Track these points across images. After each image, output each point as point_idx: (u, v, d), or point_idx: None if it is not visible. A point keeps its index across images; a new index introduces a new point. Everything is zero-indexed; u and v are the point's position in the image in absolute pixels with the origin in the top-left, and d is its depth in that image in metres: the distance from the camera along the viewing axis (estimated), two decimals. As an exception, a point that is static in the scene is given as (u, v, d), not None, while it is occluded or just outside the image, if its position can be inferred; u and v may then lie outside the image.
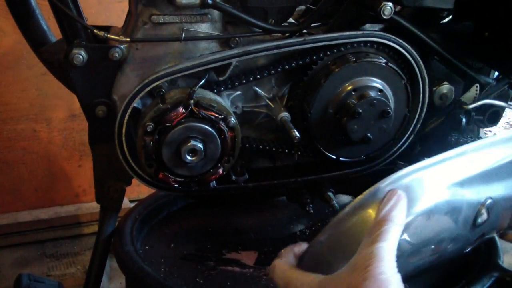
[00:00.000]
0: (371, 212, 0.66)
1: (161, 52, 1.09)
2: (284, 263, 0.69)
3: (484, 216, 0.80)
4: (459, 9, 1.15)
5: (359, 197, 0.68)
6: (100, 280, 1.19)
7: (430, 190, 0.70)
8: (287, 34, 1.14)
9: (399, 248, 0.61)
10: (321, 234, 0.71)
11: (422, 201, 0.69)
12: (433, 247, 0.72)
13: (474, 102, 1.32)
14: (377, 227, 0.60)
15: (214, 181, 1.14)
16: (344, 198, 1.38)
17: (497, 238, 1.06)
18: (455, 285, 0.93)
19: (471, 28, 1.18)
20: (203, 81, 1.08)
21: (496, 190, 0.79)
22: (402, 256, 0.61)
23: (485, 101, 1.37)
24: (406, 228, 0.65)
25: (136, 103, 1.07)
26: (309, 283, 0.62)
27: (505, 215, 0.83)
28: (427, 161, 0.71)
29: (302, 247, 0.73)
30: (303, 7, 1.24)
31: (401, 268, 0.58)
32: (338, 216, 0.69)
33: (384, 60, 1.12)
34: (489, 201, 0.79)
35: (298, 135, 1.07)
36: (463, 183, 0.74)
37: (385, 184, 0.66)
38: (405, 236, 0.66)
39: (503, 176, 0.79)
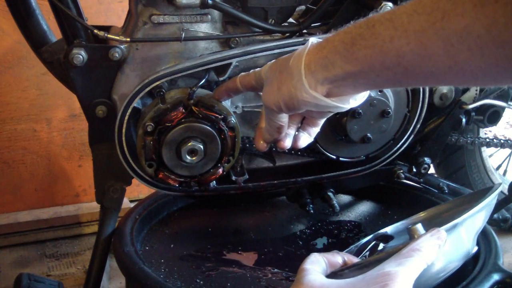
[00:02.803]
0: None
1: (161, 52, 1.09)
2: (316, 271, 0.67)
3: None
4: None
5: None
6: (100, 280, 1.19)
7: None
8: (287, 34, 1.14)
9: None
10: None
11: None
12: (443, 274, 0.73)
13: (474, 102, 1.32)
14: (409, 254, 0.63)
15: (214, 181, 1.14)
16: (344, 198, 1.37)
17: (497, 239, 1.06)
18: (454, 286, 0.93)
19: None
20: (203, 81, 1.08)
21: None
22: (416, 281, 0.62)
23: (485, 101, 1.37)
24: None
25: (136, 103, 1.07)
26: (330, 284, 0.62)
27: None
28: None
29: (335, 257, 0.72)
30: (303, 7, 1.24)
31: None
32: None
33: (384, 60, 1.12)
34: None
35: (298, 135, 1.07)
36: None
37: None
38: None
39: None
